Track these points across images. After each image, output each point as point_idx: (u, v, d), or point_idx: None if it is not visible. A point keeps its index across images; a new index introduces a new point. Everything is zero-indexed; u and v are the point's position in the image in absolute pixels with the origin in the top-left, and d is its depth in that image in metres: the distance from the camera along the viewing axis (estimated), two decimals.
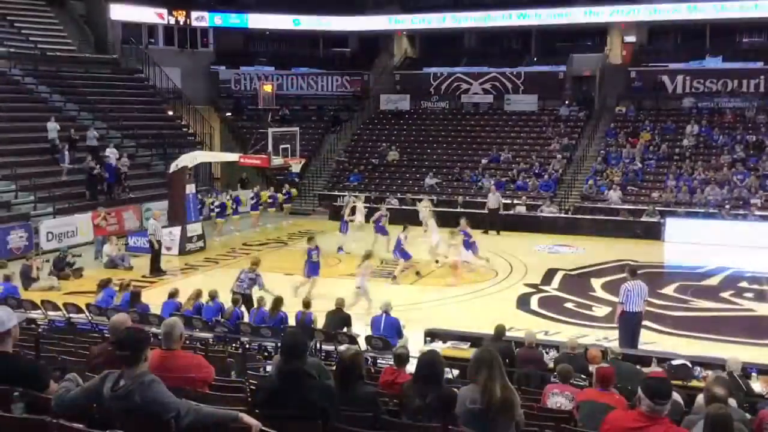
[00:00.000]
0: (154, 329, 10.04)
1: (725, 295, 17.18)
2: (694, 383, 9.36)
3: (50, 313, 13.21)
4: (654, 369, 9.43)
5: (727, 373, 8.30)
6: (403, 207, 27.04)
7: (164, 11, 34.89)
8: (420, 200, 24.52)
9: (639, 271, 13.22)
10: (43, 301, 13.42)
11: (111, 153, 25.49)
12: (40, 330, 11.22)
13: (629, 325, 12.21)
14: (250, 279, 14.37)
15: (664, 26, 34.36)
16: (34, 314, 13.04)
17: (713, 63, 31.98)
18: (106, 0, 33.20)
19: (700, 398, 6.07)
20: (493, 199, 25.32)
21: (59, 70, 29.59)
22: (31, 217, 21.86)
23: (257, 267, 14.74)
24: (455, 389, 5.16)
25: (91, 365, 5.67)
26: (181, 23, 35.56)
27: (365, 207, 23.35)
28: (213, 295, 13.14)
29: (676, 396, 6.45)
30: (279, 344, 6.79)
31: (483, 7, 35.51)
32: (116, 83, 31.66)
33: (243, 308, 13.56)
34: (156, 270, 18.96)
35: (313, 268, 16.57)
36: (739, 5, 30.91)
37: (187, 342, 9.94)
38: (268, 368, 8.93)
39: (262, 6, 37.49)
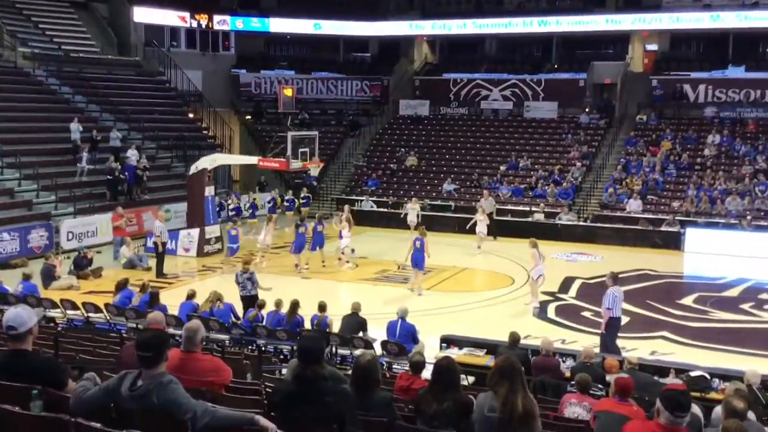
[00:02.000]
0: (171, 330, 10.10)
1: (745, 306, 16.98)
2: (713, 395, 9.27)
3: (69, 312, 13.29)
4: (673, 380, 9.35)
5: (746, 385, 8.20)
6: (423, 213, 27.03)
7: (186, 14, 35.16)
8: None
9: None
10: (62, 300, 13.49)
11: (132, 154, 25.70)
12: (59, 329, 11.30)
13: (614, 330, 12.40)
14: (248, 279, 14.45)
15: (686, 35, 34.16)
16: (53, 313, 13.16)
17: (736, 72, 31.70)
18: (130, 2, 33.51)
19: (718, 410, 6.01)
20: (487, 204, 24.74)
21: (82, 71, 29.84)
22: (52, 217, 22.06)
23: (249, 266, 14.86)
24: (471, 396, 5.14)
25: (122, 362, 5.66)
26: (203, 26, 35.84)
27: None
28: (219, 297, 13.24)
29: (695, 409, 6.38)
30: (295, 347, 6.78)
31: (504, 14, 35.44)
32: (138, 85, 31.93)
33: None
34: (159, 273, 18.98)
35: (418, 259, 17.29)
36: (763, 15, 30.66)
37: (204, 343, 9.98)
38: (284, 371, 8.94)
39: (283, 10, 37.71)
